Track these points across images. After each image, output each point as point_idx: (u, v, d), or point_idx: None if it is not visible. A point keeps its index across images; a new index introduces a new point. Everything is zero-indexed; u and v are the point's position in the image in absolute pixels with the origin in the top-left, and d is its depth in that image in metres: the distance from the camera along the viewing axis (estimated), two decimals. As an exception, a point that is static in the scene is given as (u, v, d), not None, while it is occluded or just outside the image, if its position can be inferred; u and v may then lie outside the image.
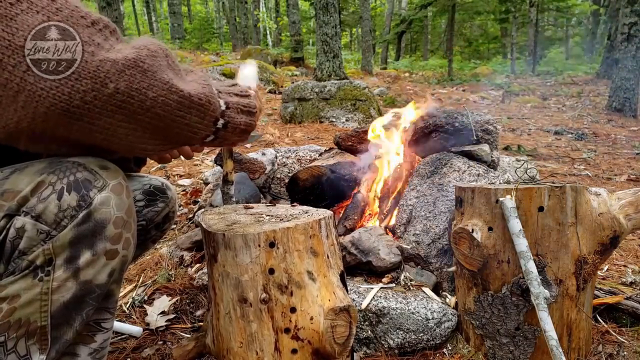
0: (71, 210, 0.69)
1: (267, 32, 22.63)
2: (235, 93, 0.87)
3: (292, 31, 13.47)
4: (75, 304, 0.73)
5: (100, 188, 0.72)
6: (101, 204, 0.71)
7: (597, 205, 1.28)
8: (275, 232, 0.94)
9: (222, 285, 0.98)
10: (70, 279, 0.70)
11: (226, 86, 0.88)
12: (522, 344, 1.28)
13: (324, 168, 1.96)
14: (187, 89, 0.73)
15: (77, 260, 0.70)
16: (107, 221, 0.72)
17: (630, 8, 8.20)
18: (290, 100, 5.63)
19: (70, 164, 0.72)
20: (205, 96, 0.76)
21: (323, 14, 7.16)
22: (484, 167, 1.75)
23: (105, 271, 0.74)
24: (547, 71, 15.99)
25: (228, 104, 0.82)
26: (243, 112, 0.86)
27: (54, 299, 0.70)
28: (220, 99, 0.81)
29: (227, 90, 0.86)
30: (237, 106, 0.84)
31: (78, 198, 0.70)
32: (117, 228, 0.73)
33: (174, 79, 0.71)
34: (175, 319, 1.57)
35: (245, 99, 0.88)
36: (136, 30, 27.21)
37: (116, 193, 0.73)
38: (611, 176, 3.87)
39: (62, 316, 0.72)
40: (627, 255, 2.11)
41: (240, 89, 0.90)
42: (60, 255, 0.69)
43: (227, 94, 0.85)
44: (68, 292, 0.71)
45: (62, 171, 0.71)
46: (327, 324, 0.95)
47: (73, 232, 0.69)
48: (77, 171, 0.72)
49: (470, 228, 1.28)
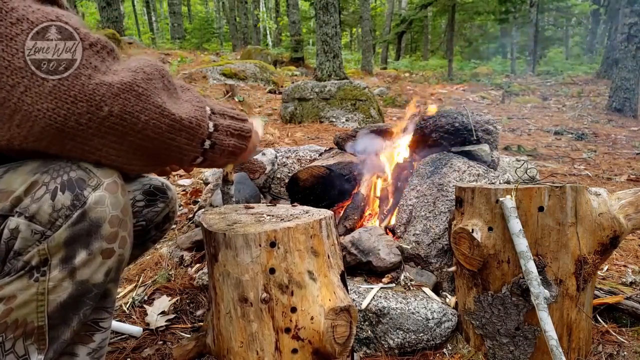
0: (65, 209, 0.69)
1: (267, 32, 22.64)
2: (230, 115, 0.89)
3: (292, 31, 13.47)
4: (72, 304, 0.73)
5: (95, 187, 0.71)
6: (96, 202, 0.71)
7: (597, 205, 1.28)
8: (276, 232, 0.94)
9: (222, 285, 0.98)
10: (66, 278, 0.70)
11: (222, 107, 0.90)
12: (522, 344, 1.28)
13: (324, 168, 1.96)
14: (179, 112, 0.75)
15: (73, 260, 0.70)
16: (102, 220, 0.72)
17: (630, 8, 8.21)
18: (290, 100, 5.63)
19: (64, 163, 0.72)
20: (196, 119, 0.78)
21: (323, 14, 7.17)
22: (484, 167, 1.75)
23: (102, 270, 0.74)
24: (547, 71, 16.00)
25: (217, 126, 0.84)
26: (233, 135, 0.88)
27: (50, 299, 0.70)
28: (211, 121, 0.83)
29: (221, 111, 0.87)
30: (227, 129, 0.86)
31: (72, 197, 0.69)
32: (112, 227, 0.73)
33: (167, 102, 0.74)
34: (175, 319, 1.57)
35: (239, 122, 0.90)
36: (136, 30, 27.20)
37: (111, 191, 0.73)
38: (611, 176, 3.87)
39: (59, 316, 0.72)
40: (627, 255, 2.12)
41: (237, 112, 0.91)
42: (56, 255, 0.69)
43: (220, 115, 0.86)
44: (64, 292, 0.71)
45: (56, 170, 0.71)
46: (328, 323, 0.95)
47: (68, 231, 0.69)
48: (70, 170, 0.71)
49: (470, 228, 1.28)
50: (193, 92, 0.84)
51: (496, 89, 11.53)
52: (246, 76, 8.21)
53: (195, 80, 7.34)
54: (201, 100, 0.83)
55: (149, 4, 27.77)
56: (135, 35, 20.09)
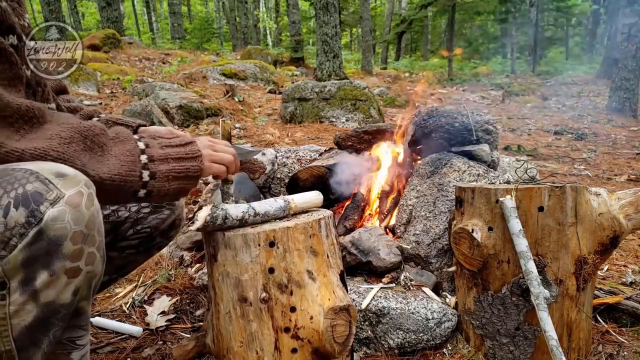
0: (19, 227, 0.63)
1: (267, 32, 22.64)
2: (176, 157, 0.87)
3: (292, 31, 13.47)
4: (39, 326, 0.68)
5: (53, 201, 0.65)
6: (54, 219, 0.65)
7: (597, 205, 1.28)
8: (275, 232, 0.94)
9: (222, 285, 0.98)
10: (29, 302, 0.65)
11: (170, 147, 0.87)
12: (522, 344, 1.28)
13: (324, 168, 1.96)
14: (100, 173, 0.75)
15: (34, 282, 0.65)
16: (62, 238, 0.66)
17: (630, 8, 8.20)
18: (290, 100, 5.63)
19: (21, 173, 0.66)
20: (120, 176, 0.78)
21: (323, 14, 7.17)
22: (484, 167, 1.75)
23: (69, 290, 0.69)
24: (547, 71, 15.99)
25: (154, 174, 0.83)
26: (177, 179, 0.86)
27: (14, 324, 0.65)
28: (146, 170, 0.82)
29: (163, 155, 0.85)
30: (167, 174, 0.84)
31: (27, 214, 0.63)
32: (76, 244, 0.68)
33: (87, 164, 0.74)
34: (175, 319, 1.57)
35: (186, 163, 0.88)
36: (136, 30, 27.21)
37: (72, 205, 0.67)
38: (611, 176, 3.86)
39: (27, 339, 0.68)
40: (627, 255, 2.11)
41: (186, 150, 0.89)
42: (14, 278, 0.64)
43: (161, 161, 0.84)
44: (28, 315, 0.66)
45: (10, 183, 0.64)
46: (327, 323, 0.95)
47: (24, 252, 0.63)
48: (27, 182, 0.65)
49: (470, 228, 1.28)
50: (128, 143, 0.83)
51: (496, 89, 11.53)
52: (246, 76, 8.21)
53: (195, 80, 7.34)
54: (133, 152, 0.82)
55: (149, 4, 27.77)
56: (135, 35, 20.09)
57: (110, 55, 9.04)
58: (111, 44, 9.88)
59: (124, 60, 9.04)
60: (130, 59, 9.38)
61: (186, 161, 0.87)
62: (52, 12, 10.31)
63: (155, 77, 7.73)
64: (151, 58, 9.93)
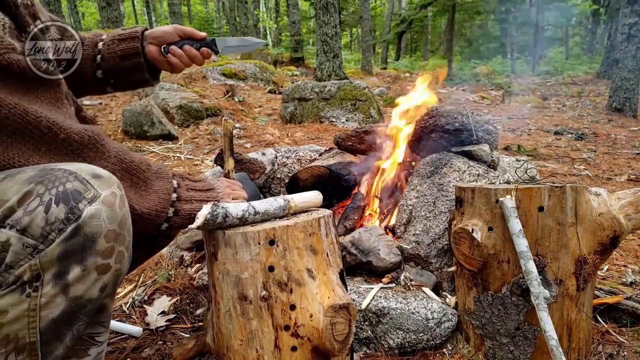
0: (59, 223, 0.66)
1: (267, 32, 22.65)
2: (199, 199, 1.00)
3: (292, 31, 13.48)
4: (65, 320, 0.71)
5: (91, 200, 0.69)
6: (91, 217, 0.68)
7: (597, 205, 1.28)
8: (275, 230, 0.94)
9: (222, 283, 0.98)
10: (59, 294, 0.68)
11: (194, 191, 1.01)
12: (522, 344, 1.28)
13: (324, 168, 1.96)
14: (141, 207, 0.87)
15: (66, 276, 0.68)
16: (97, 235, 0.69)
17: (630, 8, 8.20)
18: (290, 100, 5.63)
19: (61, 173, 0.69)
20: (156, 211, 0.90)
21: (323, 14, 7.17)
22: (484, 167, 1.75)
23: (97, 286, 0.72)
24: (547, 71, 16.00)
25: (178, 212, 0.95)
26: (197, 202, 1.00)
27: (42, 315, 0.68)
28: (172, 207, 0.94)
29: (188, 197, 0.98)
30: (190, 212, 0.97)
31: (66, 210, 0.67)
32: (108, 242, 0.71)
33: (133, 198, 0.85)
34: (175, 319, 1.57)
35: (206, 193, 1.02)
36: (136, 30, 27.16)
37: (108, 205, 0.71)
38: (611, 176, 3.87)
39: (52, 332, 0.70)
40: (627, 255, 2.11)
41: (207, 195, 1.03)
42: (49, 271, 0.67)
43: (186, 201, 0.97)
44: (57, 308, 0.69)
45: (52, 181, 0.68)
46: (327, 321, 0.95)
47: (61, 246, 0.67)
48: (67, 181, 0.69)
49: (470, 228, 1.28)
50: (166, 181, 0.95)
51: (496, 89, 11.53)
52: (246, 76, 8.22)
53: (195, 80, 7.34)
54: (169, 191, 0.94)
55: (149, 4, 27.76)
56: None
57: (110, 55, 9.01)
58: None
59: (124, 60, 9.01)
60: (130, 58, 9.35)
61: (204, 202, 0.99)
62: (52, 12, 10.28)
63: (155, 77, 7.71)
64: (151, 58, 9.90)
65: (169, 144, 4.24)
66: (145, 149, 3.96)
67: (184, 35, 1.15)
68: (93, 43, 1.14)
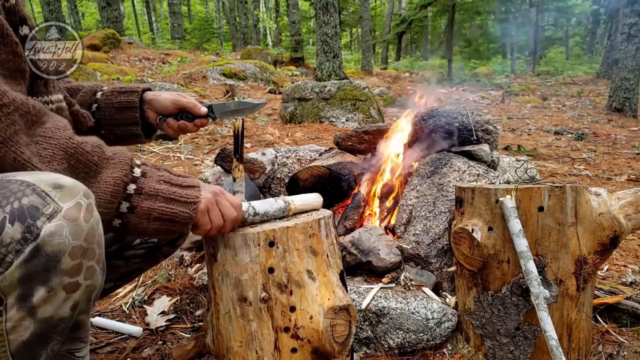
0: (15, 244, 0.61)
1: (267, 32, 22.66)
2: (168, 197, 0.82)
3: (292, 31, 13.48)
4: (37, 341, 0.67)
5: (50, 215, 0.63)
6: (51, 234, 0.62)
7: (597, 205, 1.28)
8: (274, 231, 0.94)
9: (222, 285, 0.98)
10: (26, 318, 0.64)
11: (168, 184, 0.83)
12: (522, 344, 1.28)
13: (324, 168, 1.96)
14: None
15: (31, 298, 0.63)
16: (61, 253, 0.64)
17: (630, 8, 8.20)
18: (290, 100, 5.63)
19: (17, 186, 0.63)
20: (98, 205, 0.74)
21: (323, 14, 7.17)
22: (484, 167, 1.75)
23: (67, 305, 0.68)
24: (547, 71, 16.00)
25: (134, 208, 0.78)
26: (158, 220, 0.81)
27: (11, 339, 0.64)
28: (125, 202, 0.77)
29: (155, 191, 0.80)
30: (148, 212, 0.79)
31: (23, 230, 0.61)
32: (74, 259, 0.65)
33: None
34: (175, 319, 1.57)
35: (178, 207, 0.82)
36: (136, 30, 27.21)
37: (70, 219, 0.64)
38: (611, 176, 3.86)
39: (25, 354, 0.67)
40: (627, 255, 2.11)
41: (182, 194, 0.83)
42: (11, 294, 0.62)
43: (148, 196, 0.79)
44: (26, 331, 0.65)
45: (6, 197, 0.62)
46: (327, 323, 0.95)
47: (21, 269, 0.61)
48: (23, 195, 0.62)
49: (470, 228, 1.28)
50: (118, 169, 0.78)
51: (496, 89, 11.53)
52: (246, 76, 8.22)
53: (195, 80, 7.35)
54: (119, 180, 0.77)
55: (149, 4, 27.77)
56: (135, 35, 20.09)
57: (110, 55, 9.04)
58: (111, 44, 9.87)
59: (124, 60, 9.03)
60: (130, 59, 9.38)
61: (177, 204, 0.82)
62: (52, 12, 10.31)
63: (155, 77, 7.73)
64: (151, 58, 9.94)
65: (168, 143, 4.24)
66: (145, 149, 3.96)
67: (183, 109, 1.12)
68: (92, 91, 1.13)
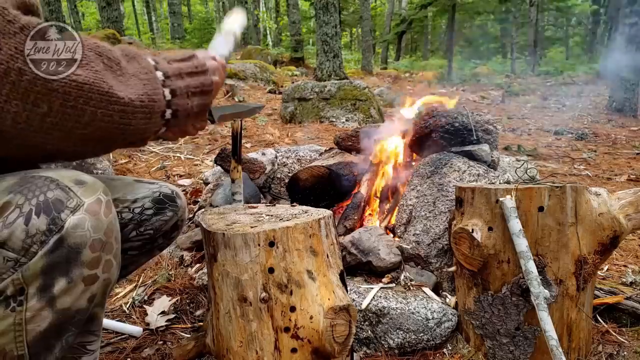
0: (40, 235, 0.63)
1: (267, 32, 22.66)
2: (187, 72, 0.79)
3: (292, 31, 13.47)
4: (53, 332, 0.69)
5: (74, 209, 0.65)
6: (74, 227, 0.65)
7: (597, 205, 1.28)
8: (274, 232, 0.94)
9: (222, 285, 0.98)
10: (45, 308, 0.66)
11: (177, 62, 0.79)
12: (522, 344, 1.28)
13: (324, 168, 1.96)
14: (128, 94, 0.67)
15: (52, 289, 0.65)
16: (82, 246, 0.66)
17: (630, 8, 8.20)
18: (290, 100, 5.63)
19: (41, 181, 0.66)
20: (148, 96, 0.70)
21: (323, 14, 7.17)
22: (484, 167, 1.75)
23: (85, 297, 0.70)
24: (547, 71, 15.99)
25: (174, 92, 0.75)
26: (195, 94, 0.79)
27: (29, 329, 0.65)
28: (166, 87, 0.74)
29: (176, 71, 0.77)
30: (186, 90, 0.77)
31: (48, 222, 0.63)
32: (94, 252, 0.68)
33: (114, 86, 0.65)
34: (175, 319, 1.57)
35: (199, 77, 0.80)
36: (136, 30, 27.20)
37: (92, 213, 0.67)
38: (611, 176, 3.86)
39: (41, 344, 0.68)
40: (627, 255, 2.11)
41: (193, 64, 0.80)
42: (33, 284, 0.64)
43: (176, 77, 0.76)
44: (44, 321, 0.66)
45: (31, 190, 0.64)
46: (327, 323, 0.95)
47: (44, 259, 0.63)
48: (48, 190, 0.65)
49: (470, 228, 1.28)
50: (140, 59, 0.74)
51: (496, 89, 11.53)
52: (246, 76, 8.22)
53: (195, 80, 7.32)
54: (149, 69, 0.73)
55: (149, 4, 27.76)
56: (135, 35, 20.10)
57: (110, 55, 9.01)
58: (111, 44, 9.83)
59: (124, 60, 9.01)
60: (130, 59, 9.35)
61: (198, 76, 0.80)
62: (52, 12, 10.31)
63: (155, 77, 7.70)
64: (151, 58, 9.91)
65: (168, 143, 4.24)
66: (145, 149, 3.96)
67: None
68: None
